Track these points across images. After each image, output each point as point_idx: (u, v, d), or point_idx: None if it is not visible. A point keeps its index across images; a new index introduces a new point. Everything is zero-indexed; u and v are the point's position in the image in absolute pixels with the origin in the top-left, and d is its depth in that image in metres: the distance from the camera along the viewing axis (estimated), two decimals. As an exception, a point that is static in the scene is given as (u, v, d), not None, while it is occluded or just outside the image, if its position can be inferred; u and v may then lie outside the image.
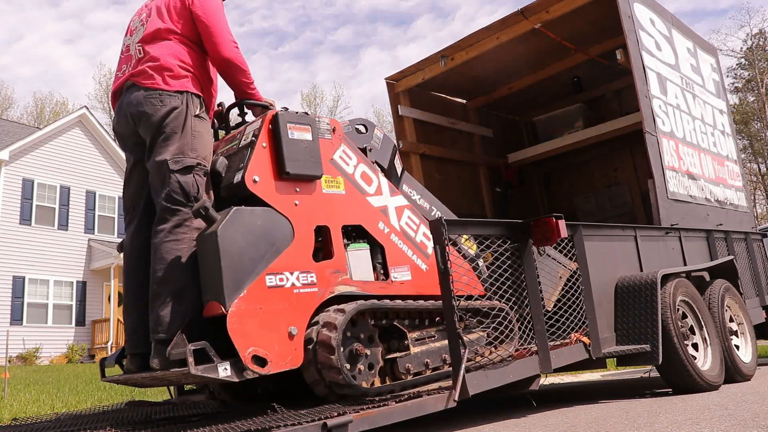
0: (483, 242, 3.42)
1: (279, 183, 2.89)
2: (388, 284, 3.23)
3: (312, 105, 36.67)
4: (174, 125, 2.92)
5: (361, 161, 3.30)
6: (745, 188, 7.24)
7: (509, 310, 3.49)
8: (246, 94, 3.22)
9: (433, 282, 3.36)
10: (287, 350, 2.71)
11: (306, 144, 2.99)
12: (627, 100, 7.29)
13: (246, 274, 2.65)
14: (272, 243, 2.78)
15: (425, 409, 2.74)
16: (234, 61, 3.09)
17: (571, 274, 3.77)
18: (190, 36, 3.11)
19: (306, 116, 3.05)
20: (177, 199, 2.84)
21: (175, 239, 2.80)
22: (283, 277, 2.77)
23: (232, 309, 2.56)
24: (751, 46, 32.38)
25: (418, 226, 3.50)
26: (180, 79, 3.00)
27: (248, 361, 2.54)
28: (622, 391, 4.96)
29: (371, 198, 3.29)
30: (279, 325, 2.70)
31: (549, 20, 5.83)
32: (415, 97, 6.94)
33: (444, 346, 3.26)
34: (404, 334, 3.09)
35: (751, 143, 33.45)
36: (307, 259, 2.90)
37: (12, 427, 3.46)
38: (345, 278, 3.03)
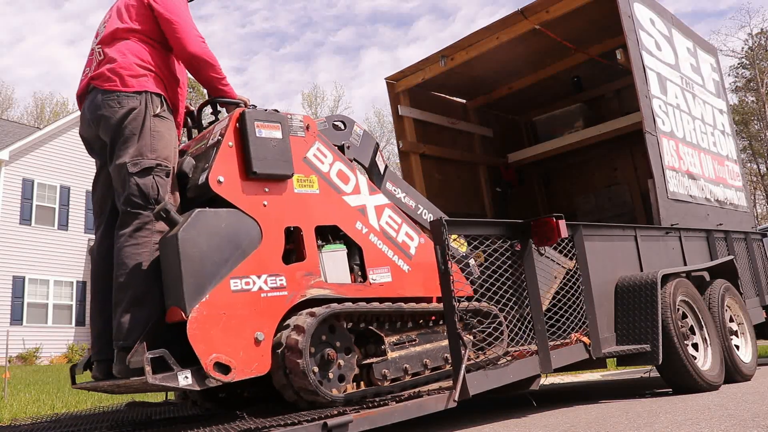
0: (481, 242, 3.36)
1: (246, 183, 2.80)
2: (365, 287, 3.12)
3: (313, 105, 36.70)
4: (132, 127, 2.85)
5: (337, 159, 3.20)
6: (745, 188, 7.24)
7: (498, 312, 3.44)
8: (218, 91, 3.14)
9: (415, 284, 3.33)
10: (253, 357, 2.61)
11: (275, 142, 2.89)
12: (627, 99, 7.28)
13: (209, 279, 2.56)
14: (238, 245, 2.68)
15: (425, 409, 2.74)
16: (201, 56, 3.00)
17: (567, 273, 3.73)
18: (152, 34, 3.03)
19: (275, 114, 2.97)
20: (136, 202, 2.77)
21: (136, 243, 2.73)
22: (250, 281, 2.67)
23: (193, 315, 2.47)
24: (752, 46, 32.37)
25: (399, 226, 3.39)
26: (139, 78, 2.92)
27: (210, 368, 2.45)
28: (622, 391, 4.96)
29: (348, 197, 3.18)
30: (244, 330, 2.60)
31: (549, 20, 5.82)
32: (415, 96, 6.93)
33: (425, 350, 3.21)
34: (381, 339, 2.99)
35: (751, 143, 33.44)
36: (277, 261, 2.80)
37: (12, 427, 3.46)
38: (318, 281, 2.92)
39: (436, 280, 3.34)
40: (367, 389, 2.91)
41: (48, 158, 20.92)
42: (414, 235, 3.43)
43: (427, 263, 3.39)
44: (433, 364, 3.25)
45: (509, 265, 3.37)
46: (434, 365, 3.26)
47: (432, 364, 3.23)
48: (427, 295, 3.39)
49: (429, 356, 3.23)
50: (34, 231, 20.03)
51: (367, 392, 2.90)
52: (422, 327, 3.30)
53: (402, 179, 3.82)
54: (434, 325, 3.37)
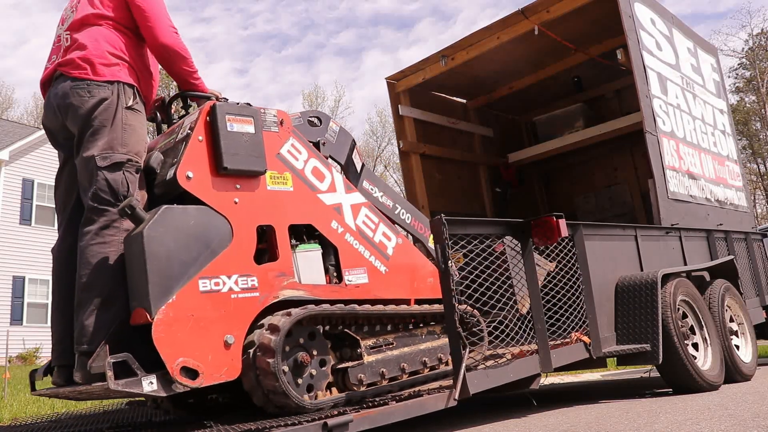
0: (465, 244, 3.27)
1: (216, 179, 2.69)
2: (341, 288, 3.02)
3: (313, 105, 36.68)
4: (102, 118, 2.71)
5: (312, 156, 3.09)
6: (745, 188, 7.24)
7: (478, 314, 3.38)
8: (189, 85, 3.02)
9: (393, 285, 3.25)
10: (222, 360, 2.50)
11: (248, 137, 2.78)
12: (627, 99, 7.28)
13: (175, 279, 2.45)
14: (207, 244, 2.57)
15: (426, 409, 2.73)
16: (172, 48, 2.88)
17: (547, 275, 3.66)
18: (124, 21, 2.90)
19: (248, 107, 2.86)
20: (104, 198, 2.64)
21: (102, 242, 2.60)
22: (219, 282, 2.56)
23: (159, 317, 2.36)
24: (753, 46, 32.35)
25: (376, 225, 3.28)
26: (111, 67, 2.78)
27: (176, 373, 2.35)
28: (622, 391, 4.95)
29: (323, 195, 3.08)
30: (213, 333, 2.49)
31: (549, 20, 5.82)
32: (416, 96, 6.93)
33: (403, 354, 3.13)
34: (357, 342, 2.91)
35: (751, 143, 33.42)
36: (248, 261, 2.69)
37: (12, 427, 3.46)
38: (291, 282, 2.82)
39: (414, 281, 3.35)
40: (338, 396, 2.80)
41: (48, 158, 20.90)
42: (391, 236, 3.35)
43: (405, 264, 3.34)
44: (411, 368, 3.16)
45: (495, 266, 3.30)
46: (412, 369, 3.17)
47: (410, 368, 3.15)
48: (404, 297, 3.30)
49: (407, 360, 3.15)
50: (34, 231, 20.02)
51: (338, 400, 2.79)
52: (400, 330, 3.21)
53: (379, 178, 3.75)
54: (413, 328, 3.29)
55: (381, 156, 36.60)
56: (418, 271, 3.43)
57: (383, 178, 36.25)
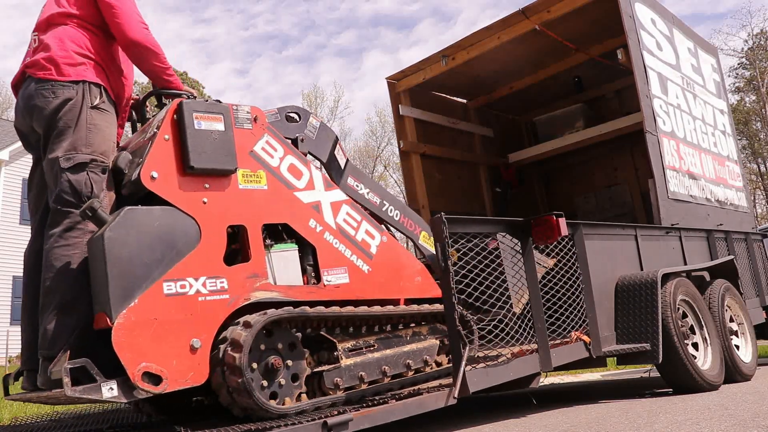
0: (455, 240, 3.17)
1: (183, 179, 2.61)
2: (318, 288, 2.93)
3: (313, 105, 36.70)
4: (67, 119, 2.66)
5: (289, 153, 3.00)
6: (746, 188, 7.24)
7: (468, 314, 3.30)
8: (163, 82, 2.96)
9: (377, 285, 3.16)
10: (188, 365, 2.43)
11: (217, 135, 2.70)
12: (628, 100, 7.28)
13: (138, 282, 2.39)
14: (173, 246, 2.50)
15: (425, 407, 2.73)
16: (143, 44, 2.82)
17: (547, 272, 3.61)
18: (92, 19, 2.84)
19: (218, 104, 2.79)
20: (67, 199, 2.58)
21: (66, 244, 2.55)
22: (186, 284, 2.49)
23: (120, 321, 2.30)
24: (752, 45, 32.33)
25: (359, 223, 3.18)
26: (76, 67, 2.74)
27: (138, 378, 2.29)
28: (622, 391, 4.95)
29: (300, 193, 2.99)
30: (178, 337, 2.43)
31: (550, 20, 5.82)
32: (416, 96, 6.93)
33: (385, 356, 3.05)
34: (333, 345, 2.83)
35: (751, 143, 33.41)
36: (217, 262, 2.61)
37: (12, 426, 3.46)
38: (264, 283, 2.74)
39: (400, 281, 3.27)
40: (310, 401, 2.72)
41: (48, 158, 20.92)
42: (375, 234, 3.25)
43: (390, 263, 3.26)
44: (393, 371, 3.09)
45: (488, 261, 3.26)
46: (394, 372, 3.09)
47: (392, 371, 3.07)
48: (390, 297, 3.22)
49: (388, 363, 3.07)
50: (34, 231, 20.02)
51: (309, 405, 2.70)
52: (383, 331, 3.13)
53: (365, 174, 3.65)
54: (397, 329, 3.21)
55: (381, 156, 36.60)
56: (405, 270, 3.34)
57: (383, 178, 36.22)
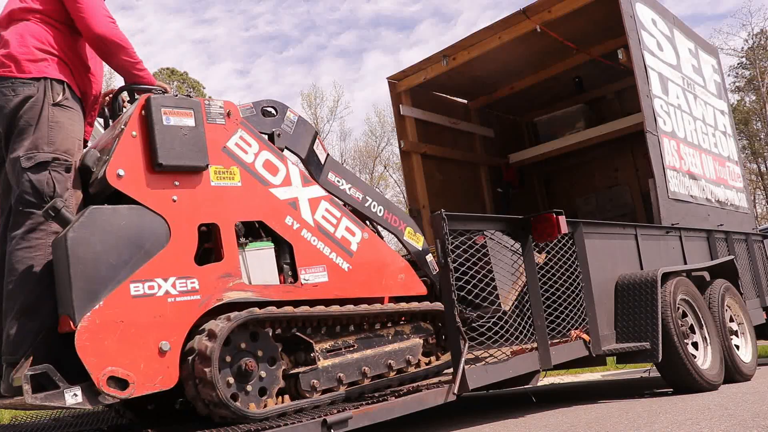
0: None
1: (152, 177, 2.53)
2: (295, 288, 2.85)
3: (312, 106, 36.72)
4: (28, 117, 2.58)
5: (264, 148, 2.92)
6: (746, 189, 7.24)
7: (468, 311, 3.24)
8: (133, 77, 2.87)
9: (358, 283, 3.09)
10: (156, 369, 2.36)
11: (187, 131, 2.61)
12: (628, 100, 7.27)
13: (103, 283, 2.31)
14: (140, 246, 2.43)
15: (425, 404, 2.73)
16: (109, 38, 2.72)
17: (540, 267, 3.57)
18: (55, 14, 2.75)
19: (187, 99, 2.70)
20: (29, 200, 2.50)
21: (28, 246, 2.48)
22: (154, 285, 2.42)
23: (83, 324, 2.23)
24: (752, 45, 32.27)
25: (338, 220, 3.09)
26: (37, 63, 2.65)
27: (103, 383, 2.22)
28: (622, 391, 4.96)
29: (276, 189, 2.90)
30: (146, 340, 2.36)
31: (551, 20, 5.82)
32: (417, 96, 6.94)
33: (365, 357, 2.98)
34: (310, 346, 2.76)
35: (751, 143, 33.36)
36: (187, 262, 2.53)
37: (12, 426, 3.45)
38: (238, 283, 2.66)
39: (382, 278, 3.20)
40: (286, 405, 2.64)
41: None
42: (356, 230, 3.16)
43: (372, 261, 3.18)
44: (374, 371, 3.00)
45: (476, 259, 3.22)
46: (375, 373, 3.01)
47: (372, 372, 2.99)
48: (372, 296, 3.15)
49: (369, 363, 2.98)
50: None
51: (287, 409, 2.62)
52: (363, 331, 3.04)
53: (347, 169, 3.55)
54: (378, 329, 3.13)
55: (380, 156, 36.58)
56: (388, 268, 3.26)
57: (383, 178, 36.19)
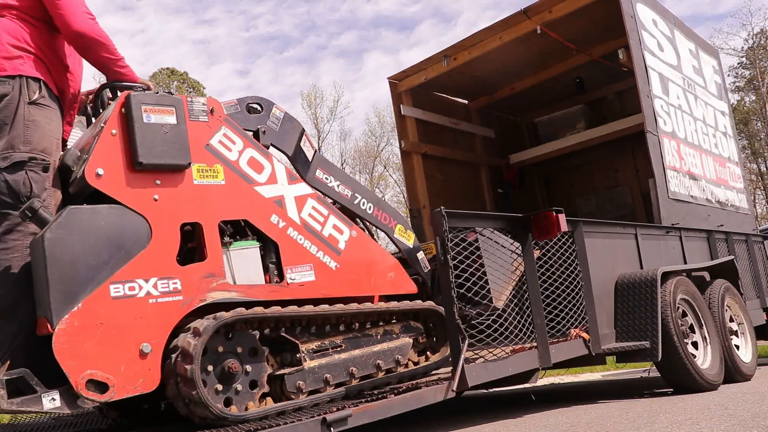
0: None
1: (132, 175, 2.48)
2: (281, 287, 2.80)
3: (312, 106, 36.75)
4: (3, 116, 2.54)
5: (249, 146, 2.87)
6: (746, 190, 7.24)
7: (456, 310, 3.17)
8: (115, 74, 2.82)
9: (346, 282, 3.04)
10: (137, 371, 2.32)
11: (168, 128, 2.57)
12: (629, 101, 7.28)
13: (82, 285, 2.27)
14: (121, 246, 2.39)
15: (424, 401, 2.73)
16: (88, 35, 2.68)
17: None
18: (32, 11, 2.70)
19: (169, 97, 2.64)
20: (5, 201, 2.46)
21: (5, 248, 2.43)
22: (135, 286, 2.38)
23: (61, 326, 2.19)
24: (752, 45, 32.24)
25: (326, 218, 3.05)
26: (12, 60, 2.60)
27: (82, 387, 2.18)
28: (622, 391, 4.95)
29: (261, 187, 2.86)
30: (127, 342, 2.32)
31: (551, 20, 5.82)
32: (418, 96, 6.94)
33: (352, 357, 2.93)
34: (296, 346, 2.70)
35: (751, 143, 33.34)
36: (169, 262, 2.49)
37: (12, 425, 3.45)
38: (222, 283, 2.62)
39: (371, 277, 3.16)
40: (269, 407, 2.57)
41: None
42: (344, 228, 3.12)
43: (360, 259, 3.14)
44: (362, 372, 2.96)
45: (470, 258, 3.17)
46: (363, 374, 2.97)
47: (360, 373, 2.94)
48: (361, 295, 3.11)
49: (356, 364, 2.93)
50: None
51: (270, 411, 2.56)
52: (351, 331, 2.99)
53: (336, 166, 3.48)
54: (366, 328, 3.08)
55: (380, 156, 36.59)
56: (377, 266, 3.22)
57: (383, 178, 36.18)
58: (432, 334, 3.37)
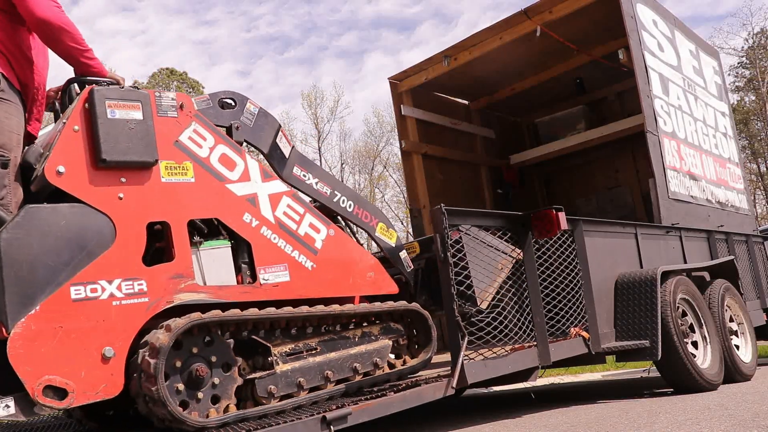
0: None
1: (95, 173, 2.39)
2: (254, 288, 2.71)
3: (313, 106, 36.75)
4: None
5: (220, 142, 2.77)
6: (747, 191, 7.24)
7: (427, 314, 3.16)
8: (82, 65, 2.70)
9: (323, 282, 2.96)
10: (99, 376, 2.24)
11: (134, 124, 2.48)
12: (629, 102, 7.28)
13: (40, 287, 2.18)
14: (83, 246, 2.30)
15: (424, 398, 2.72)
16: (53, 22, 2.55)
17: (515, 263, 3.47)
18: None
19: (135, 91, 2.55)
20: None
21: None
22: (97, 287, 2.29)
23: (17, 330, 2.10)
24: (753, 44, 32.21)
25: (302, 216, 2.95)
26: None
27: (39, 393, 2.09)
28: (622, 391, 4.95)
29: (233, 185, 2.76)
30: (88, 346, 2.23)
31: (552, 20, 5.83)
32: (418, 97, 6.95)
33: (328, 360, 2.82)
34: (268, 350, 2.61)
35: (751, 143, 33.30)
36: (135, 263, 2.41)
37: (12, 425, 3.44)
38: (190, 284, 2.53)
39: (349, 277, 3.07)
40: (235, 413, 2.48)
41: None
42: (321, 227, 3.02)
43: (338, 259, 3.05)
44: (338, 375, 2.84)
45: (457, 257, 3.10)
46: (339, 377, 2.85)
47: (335, 376, 2.83)
48: (339, 295, 3.01)
49: (332, 367, 2.82)
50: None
51: (235, 417, 2.46)
52: (327, 333, 2.90)
53: (314, 163, 3.39)
54: (343, 330, 2.98)
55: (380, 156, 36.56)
56: (355, 266, 3.12)
57: (382, 178, 36.16)
58: (413, 335, 3.26)
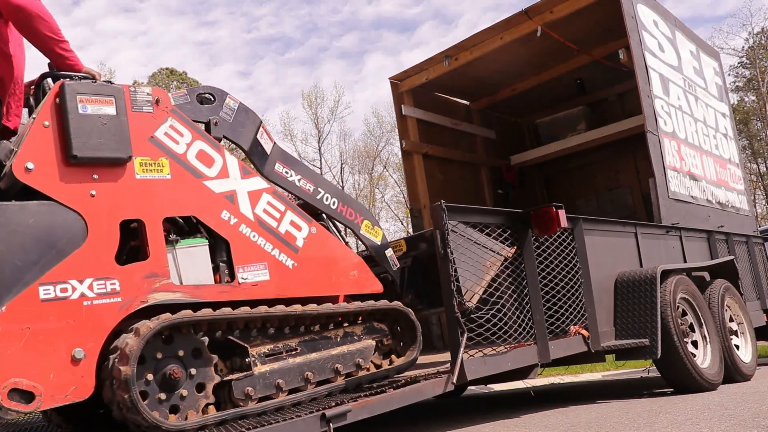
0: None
1: (66, 170, 2.33)
2: (232, 288, 2.64)
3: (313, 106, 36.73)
4: None
5: (198, 138, 2.71)
6: (747, 192, 7.24)
7: (412, 314, 3.13)
8: (58, 57, 2.63)
9: (305, 281, 2.89)
10: (69, 379, 2.18)
11: (107, 120, 2.42)
12: (630, 102, 7.28)
13: (6, 287, 2.12)
14: (52, 245, 2.24)
15: (424, 394, 2.72)
16: (28, 9, 2.48)
17: (504, 261, 3.43)
18: None
19: (108, 86, 2.49)
20: None
21: None
22: (67, 287, 2.23)
23: None
24: (753, 44, 32.19)
25: (282, 214, 2.88)
26: None
27: (3, 397, 2.04)
28: (622, 391, 4.95)
29: (211, 182, 2.70)
30: (56, 348, 2.17)
31: (552, 21, 5.83)
32: (419, 97, 6.95)
33: (308, 361, 2.76)
34: (245, 350, 2.54)
35: (751, 143, 33.27)
36: (107, 262, 2.34)
37: (11, 425, 3.44)
38: (166, 283, 2.46)
39: (332, 276, 3.01)
40: (211, 416, 2.41)
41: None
42: (302, 225, 2.95)
43: (320, 257, 2.98)
44: (318, 377, 2.78)
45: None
46: (319, 378, 2.79)
47: (316, 378, 2.76)
48: (321, 294, 2.95)
49: (313, 368, 2.76)
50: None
51: (211, 420, 2.39)
52: (307, 333, 2.83)
53: (298, 159, 3.30)
54: (324, 330, 2.92)
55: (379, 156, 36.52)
56: (338, 264, 3.06)
57: (382, 178, 36.12)
58: (397, 335, 3.20)
